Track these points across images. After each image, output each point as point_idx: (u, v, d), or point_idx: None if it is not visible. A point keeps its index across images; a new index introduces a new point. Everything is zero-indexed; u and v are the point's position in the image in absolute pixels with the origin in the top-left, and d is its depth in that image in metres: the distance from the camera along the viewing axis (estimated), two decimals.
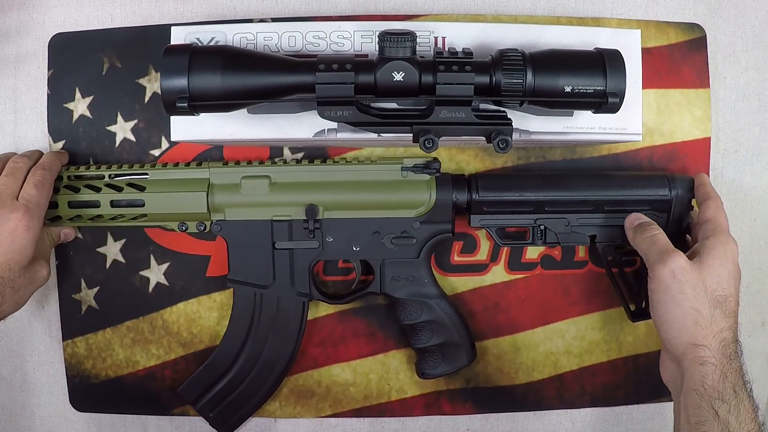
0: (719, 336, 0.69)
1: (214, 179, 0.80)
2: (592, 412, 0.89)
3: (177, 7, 0.86)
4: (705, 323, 0.69)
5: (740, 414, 0.67)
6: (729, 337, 0.70)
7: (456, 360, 0.83)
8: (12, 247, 0.75)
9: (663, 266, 0.71)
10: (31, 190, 0.77)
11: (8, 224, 0.74)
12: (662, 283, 0.71)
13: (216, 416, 0.85)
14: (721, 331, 0.69)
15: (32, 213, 0.75)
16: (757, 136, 0.88)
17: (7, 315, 0.78)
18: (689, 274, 0.70)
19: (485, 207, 0.81)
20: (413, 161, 0.80)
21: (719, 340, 0.69)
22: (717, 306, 0.70)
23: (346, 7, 0.86)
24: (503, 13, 0.86)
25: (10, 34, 0.87)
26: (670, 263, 0.71)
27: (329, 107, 0.69)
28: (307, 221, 0.80)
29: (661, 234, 0.75)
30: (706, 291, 0.70)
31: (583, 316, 0.88)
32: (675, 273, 0.70)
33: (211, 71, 0.67)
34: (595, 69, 0.70)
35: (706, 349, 0.69)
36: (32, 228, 0.75)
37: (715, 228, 0.74)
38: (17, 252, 0.75)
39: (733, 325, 0.71)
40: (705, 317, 0.69)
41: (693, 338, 0.69)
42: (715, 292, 0.70)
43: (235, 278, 0.82)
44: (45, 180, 0.78)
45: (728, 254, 0.72)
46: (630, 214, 0.80)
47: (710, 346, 0.69)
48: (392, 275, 0.82)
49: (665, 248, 0.73)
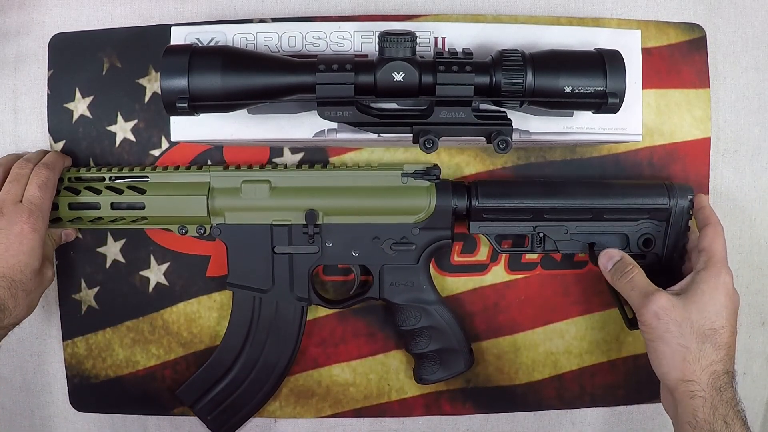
0: (709, 369, 0.70)
1: (215, 183, 0.80)
2: (592, 412, 0.89)
3: (177, 7, 0.86)
4: (693, 359, 0.70)
5: None
6: (720, 369, 0.70)
7: (454, 366, 0.84)
8: (21, 249, 0.75)
9: (646, 310, 0.72)
10: (35, 192, 0.77)
11: (14, 228, 0.75)
12: (649, 325, 0.72)
13: (214, 419, 0.85)
14: (711, 365, 0.70)
15: (36, 214, 0.76)
16: (757, 136, 0.88)
17: (21, 319, 0.78)
18: (673, 312, 0.71)
19: (485, 214, 0.81)
20: (413, 167, 0.80)
21: (709, 373, 0.70)
22: (705, 340, 0.71)
23: (346, 7, 0.86)
24: (503, 13, 0.86)
25: (10, 34, 0.87)
26: (651, 306, 0.72)
27: (329, 107, 0.69)
28: (307, 226, 0.80)
29: (637, 275, 0.76)
30: (692, 327, 0.71)
31: (583, 316, 0.88)
32: (659, 314, 0.72)
33: (211, 71, 0.67)
34: (595, 69, 0.70)
35: (695, 384, 0.70)
36: (38, 229, 0.76)
37: (708, 259, 0.74)
38: (27, 254, 0.75)
39: (724, 357, 0.71)
40: (693, 353, 0.70)
41: (682, 374, 0.70)
42: (702, 327, 0.71)
43: (234, 282, 0.83)
44: (48, 180, 0.78)
45: (719, 286, 0.73)
46: (600, 254, 0.80)
47: (699, 381, 0.70)
48: (391, 281, 0.82)
49: (645, 290, 0.74)
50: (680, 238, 0.81)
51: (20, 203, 0.76)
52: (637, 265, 0.77)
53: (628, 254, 0.81)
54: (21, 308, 0.76)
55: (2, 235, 0.75)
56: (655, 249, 0.81)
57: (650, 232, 0.81)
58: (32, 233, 0.75)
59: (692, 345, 0.70)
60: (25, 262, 0.76)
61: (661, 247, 0.81)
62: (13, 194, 0.77)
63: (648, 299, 0.73)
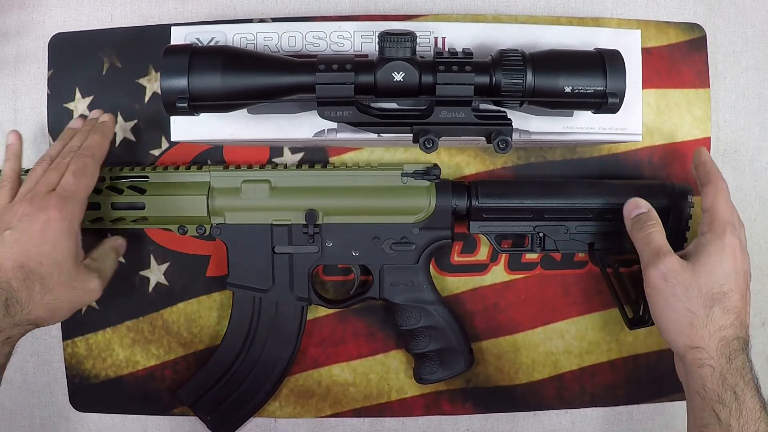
0: (718, 335, 0.68)
1: (215, 183, 0.80)
2: (592, 412, 0.89)
3: (177, 7, 0.86)
4: (700, 324, 0.69)
5: (742, 416, 0.66)
6: (729, 335, 0.68)
7: (454, 366, 0.84)
8: (44, 238, 0.70)
9: (654, 270, 0.71)
10: (69, 178, 0.73)
11: (41, 215, 0.70)
12: (655, 286, 0.71)
13: (214, 419, 0.85)
14: (720, 330, 0.68)
15: (66, 201, 0.71)
16: (757, 136, 0.88)
17: (40, 321, 0.72)
18: (681, 275, 0.70)
19: (485, 214, 0.81)
20: (413, 167, 0.80)
21: (718, 339, 0.68)
22: (714, 304, 0.69)
23: (346, 7, 0.86)
24: (503, 13, 0.86)
25: (10, 34, 0.87)
26: (660, 266, 0.71)
27: (329, 107, 0.69)
28: (307, 226, 0.80)
29: (656, 232, 0.74)
30: (701, 291, 0.69)
31: (583, 316, 0.88)
32: (666, 276, 0.70)
33: (211, 71, 0.67)
34: (595, 69, 0.70)
35: (703, 351, 0.68)
36: (66, 217, 0.71)
37: (711, 221, 0.73)
38: (50, 244, 0.70)
39: (734, 322, 0.69)
40: (700, 318, 0.69)
41: (689, 340, 0.69)
42: (711, 291, 0.69)
43: (234, 282, 0.83)
44: (86, 167, 0.74)
45: (725, 248, 0.71)
46: (629, 200, 0.78)
47: (707, 347, 0.68)
48: (391, 281, 0.82)
49: (658, 249, 0.72)
50: (680, 238, 0.81)
51: (53, 191, 0.72)
52: (660, 223, 0.75)
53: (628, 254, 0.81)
54: (37, 305, 0.70)
55: (27, 223, 0.70)
56: None
57: None
58: (59, 221, 0.70)
59: (699, 310, 0.69)
60: (47, 253, 0.70)
61: None
62: (49, 182, 0.73)
63: (658, 258, 0.71)
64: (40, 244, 0.70)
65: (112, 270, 0.80)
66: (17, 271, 0.69)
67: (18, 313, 0.69)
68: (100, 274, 0.76)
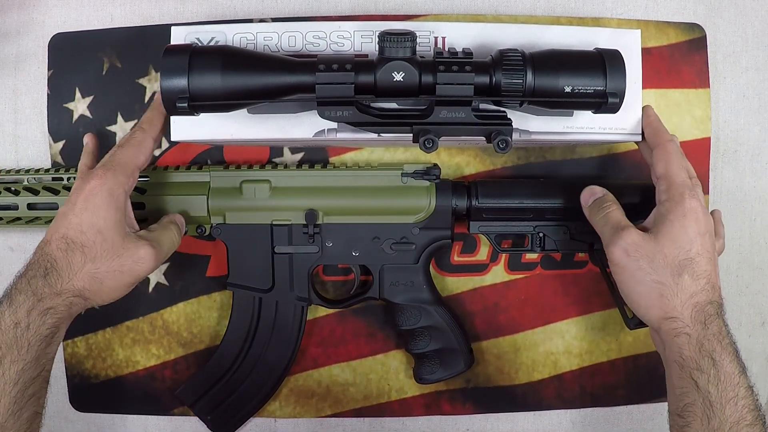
0: (690, 302, 0.67)
1: (215, 183, 0.80)
2: (592, 412, 0.89)
3: (177, 7, 0.86)
4: (671, 293, 0.67)
5: (720, 382, 0.65)
6: (702, 300, 0.67)
7: (454, 366, 0.84)
8: (86, 205, 0.68)
9: (615, 247, 0.70)
10: (114, 150, 0.72)
11: (86, 186, 0.69)
12: (619, 263, 0.70)
13: (214, 419, 0.85)
14: (692, 296, 0.67)
15: (108, 169, 0.70)
16: (757, 136, 0.88)
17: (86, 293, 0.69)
18: (644, 248, 0.68)
19: (485, 214, 0.81)
20: (413, 167, 0.80)
21: (691, 306, 0.67)
22: (682, 272, 0.67)
23: (346, 6, 0.86)
24: (503, 13, 0.86)
25: (10, 34, 0.87)
26: (621, 242, 0.69)
27: (329, 107, 0.69)
28: (307, 226, 0.80)
29: (614, 210, 0.73)
30: (666, 260, 0.68)
31: (583, 316, 0.88)
32: (628, 251, 0.69)
33: (211, 71, 0.67)
34: (594, 69, 0.70)
35: (678, 321, 0.67)
36: (107, 184, 0.69)
37: (668, 187, 0.71)
38: (90, 212, 0.68)
39: (705, 287, 0.68)
40: (669, 287, 0.67)
41: (662, 311, 0.68)
42: (677, 258, 0.67)
43: (234, 282, 0.83)
44: (132, 138, 0.73)
45: (686, 213, 0.69)
46: (584, 189, 0.77)
47: (681, 316, 0.67)
48: (391, 281, 0.82)
49: (617, 225, 0.71)
50: None
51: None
52: (616, 203, 0.74)
53: None
54: (78, 275, 0.68)
55: (73, 195, 0.69)
56: None
57: None
58: (100, 187, 0.68)
59: (667, 279, 0.67)
60: (88, 221, 0.68)
61: None
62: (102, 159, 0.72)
63: (617, 235, 0.70)
64: (82, 212, 0.68)
65: (171, 243, 0.76)
66: (60, 242, 0.68)
67: (57, 282, 0.67)
68: (154, 244, 0.72)
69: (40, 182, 0.82)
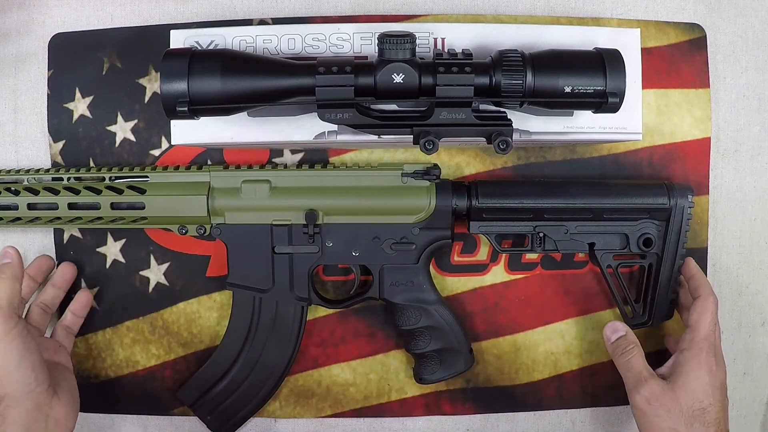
0: None
1: (215, 183, 0.80)
2: (592, 412, 0.89)
3: (177, 7, 0.86)
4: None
5: None
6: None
7: (454, 366, 0.84)
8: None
9: (638, 395, 0.76)
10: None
11: None
12: (640, 409, 0.76)
13: (214, 418, 0.85)
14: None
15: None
16: (757, 136, 0.88)
17: None
18: (662, 398, 0.75)
19: (485, 214, 0.81)
20: (413, 167, 0.80)
21: None
22: (694, 421, 0.74)
23: (345, 6, 0.86)
24: (503, 13, 0.86)
25: (10, 34, 0.87)
26: (643, 392, 0.76)
27: (329, 110, 0.69)
28: (307, 226, 0.80)
29: (636, 357, 0.78)
30: (681, 410, 0.74)
31: (584, 316, 0.88)
32: (649, 400, 0.75)
33: (210, 75, 0.67)
34: (594, 69, 0.70)
35: None
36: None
37: (692, 338, 0.77)
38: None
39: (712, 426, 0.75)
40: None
41: None
42: (691, 408, 0.74)
43: (234, 282, 0.82)
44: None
45: (702, 366, 0.75)
46: (608, 324, 0.82)
47: None
48: (391, 281, 0.82)
49: (639, 376, 0.77)
50: (680, 238, 0.81)
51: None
52: (638, 345, 0.79)
53: (628, 254, 0.82)
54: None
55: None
56: (654, 249, 0.82)
57: (650, 232, 0.81)
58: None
59: (681, 427, 0.74)
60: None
61: (660, 247, 0.82)
62: None
63: (641, 384, 0.76)
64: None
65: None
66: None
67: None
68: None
69: (40, 182, 0.82)
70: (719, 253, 0.88)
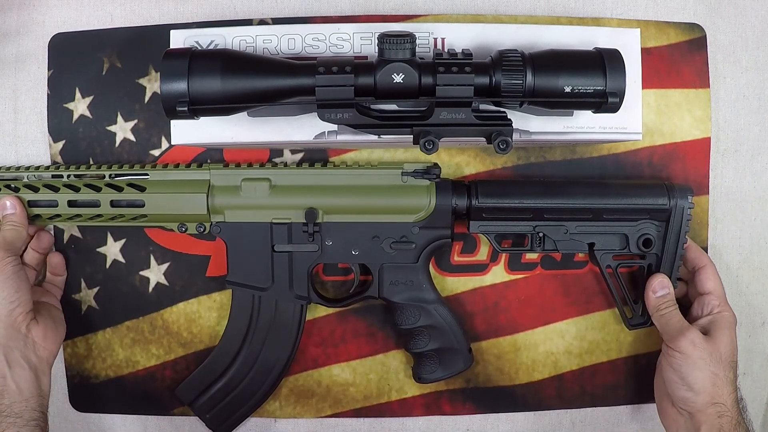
0: (733, 395, 0.78)
1: (215, 181, 0.80)
2: (592, 412, 0.89)
3: (177, 7, 0.86)
4: (721, 384, 0.77)
5: None
6: (737, 394, 0.79)
7: (453, 365, 0.84)
8: None
9: (684, 338, 0.78)
10: None
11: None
12: (685, 352, 0.78)
13: (213, 417, 0.85)
14: (734, 391, 0.78)
15: None
16: (757, 136, 0.88)
17: None
18: (705, 344, 0.78)
19: (484, 213, 0.81)
20: (413, 166, 0.80)
21: (733, 398, 0.78)
22: (731, 369, 0.78)
23: (345, 6, 0.86)
24: (503, 13, 0.86)
25: (10, 34, 0.87)
26: (689, 335, 0.78)
27: (329, 110, 0.69)
28: (307, 224, 0.80)
29: (677, 311, 0.81)
30: (721, 358, 0.78)
31: (583, 316, 0.88)
32: (695, 343, 0.78)
33: (210, 75, 0.67)
34: (594, 69, 0.70)
35: (723, 406, 0.77)
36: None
37: (720, 303, 0.81)
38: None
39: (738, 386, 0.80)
40: (722, 379, 0.77)
41: (711, 398, 0.77)
42: (729, 358, 0.78)
43: (233, 280, 0.83)
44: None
45: (732, 325, 0.80)
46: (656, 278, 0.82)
47: (726, 403, 0.77)
48: (391, 280, 0.82)
49: (682, 324, 0.80)
50: (680, 239, 0.81)
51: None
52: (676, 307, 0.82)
53: (627, 254, 0.83)
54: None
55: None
56: (654, 249, 0.82)
57: (650, 233, 0.81)
58: None
59: (721, 372, 0.77)
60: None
61: (660, 248, 0.82)
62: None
63: (686, 330, 0.79)
64: None
65: None
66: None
67: None
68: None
69: (40, 180, 0.82)
70: (719, 253, 0.88)
